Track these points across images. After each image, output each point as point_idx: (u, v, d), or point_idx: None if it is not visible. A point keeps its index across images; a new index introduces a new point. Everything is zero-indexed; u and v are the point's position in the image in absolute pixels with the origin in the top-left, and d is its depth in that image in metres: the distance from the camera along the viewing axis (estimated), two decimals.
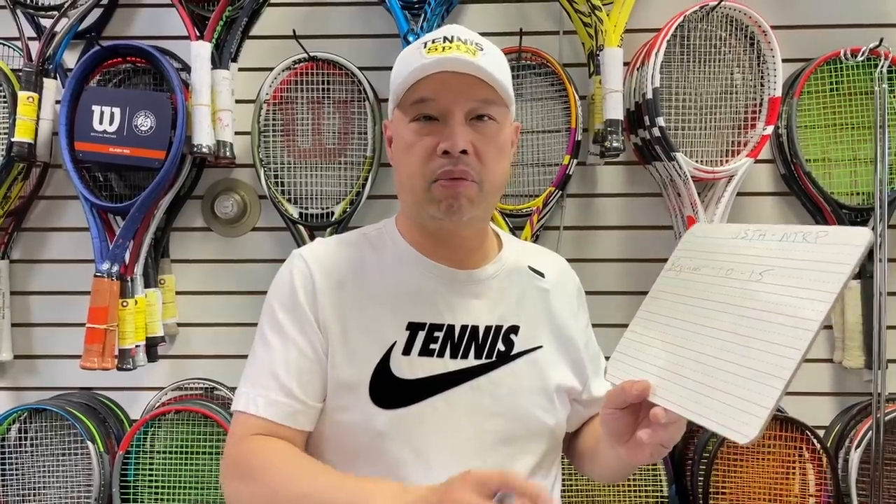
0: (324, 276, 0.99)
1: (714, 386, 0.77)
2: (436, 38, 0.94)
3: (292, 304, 0.98)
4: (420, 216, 1.00)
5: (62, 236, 1.90)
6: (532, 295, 1.05)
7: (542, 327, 1.04)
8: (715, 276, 0.86)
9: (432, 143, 0.92)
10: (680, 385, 0.81)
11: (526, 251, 1.13)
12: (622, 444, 0.87)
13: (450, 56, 0.91)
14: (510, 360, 1.00)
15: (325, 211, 1.80)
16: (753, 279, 0.80)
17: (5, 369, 1.91)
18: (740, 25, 1.69)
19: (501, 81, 0.94)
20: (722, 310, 0.82)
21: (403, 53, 0.99)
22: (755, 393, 0.71)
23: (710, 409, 0.76)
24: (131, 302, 1.69)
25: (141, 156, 1.65)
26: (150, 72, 1.77)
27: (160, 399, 1.85)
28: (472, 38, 0.95)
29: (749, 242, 0.85)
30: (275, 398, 0.93)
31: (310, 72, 1.80)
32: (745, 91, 1.71)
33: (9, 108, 1.72)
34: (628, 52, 1.70)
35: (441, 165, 0.92)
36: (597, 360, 1.13)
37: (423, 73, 0.92)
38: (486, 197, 0.96)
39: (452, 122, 0.92)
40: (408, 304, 0.98)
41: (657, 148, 1.65)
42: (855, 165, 1.75)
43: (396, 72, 0.99)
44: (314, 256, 1.01)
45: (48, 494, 1.76)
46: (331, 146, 1.81)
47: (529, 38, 1.76)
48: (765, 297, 0.77)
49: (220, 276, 1.90)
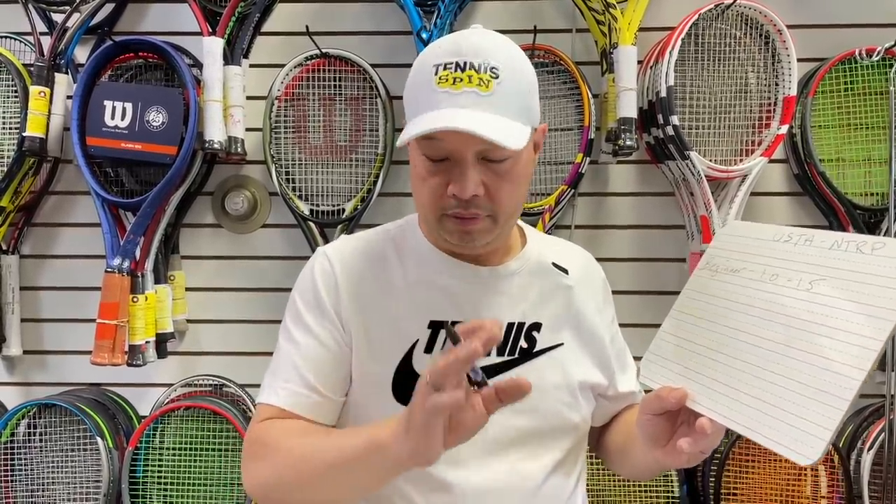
0: (346, 274, 0.99)
1: (767, 400, 0.73)
2: (448, 62, 0.87)
3: (315, 300, 0.99)
4: (435, 237, 1.00)
5: (72, 232, 1.90)
6: (555, 292, 1.04)
7: (564, 325, 1.03)
8: (758, 281, 0.82)
9: (442, 183, 0.90)
10: (723, 394, 0.78)
11: (550, 246, 1.11)
12: (659, 447, 0.86)
13: (460, 93, 0.85)
14: (532, 357, 0.99)
15: (335, 208, 1.79)
16: (803, 287, 0.77)
17: (15, 364, 1.91)
18: (755, 24, 1.68)
19: (516, 115, 0.87)
20: (769, 318, 0.79)
21: (418, 67, 0.92)
22: (816, 413, 0.68)
23: (762, 425, 0.73)
24: (141, 298, 1.69)
25: (152, 151, 1.64)
26: (161, 67, 1.77)
27: (169, 395, 1.85)
28: (488, 61, 0.86)
29: (794, 247, 0.82)
30: (296, 390, 0.95)
31: (321, 68, 1.79)
32: (759, 90, 1.70)
33: (20, 103, 1.72)
34: (641, 50, 1.69)
35: (451, 206, 0.90)
36: (623, 356, 1.12)
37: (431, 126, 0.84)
38: (502, 225, 0.95)
39: (463, 165, 0.88)
40: (430, 302, 0.98)
41: (671, 147, 1.64)
42: (869, 166, 1.74)
43: (409, 87, 0.94)
44: (337, 254, 1.02)
45: (57, 490, 1.76)
46: (342, 143, 1.81)
47: (542, 35, 1.75)
48: (818, 309, 0.74)
49: (229, 272, 1.90)
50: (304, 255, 1.80)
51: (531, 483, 0.97)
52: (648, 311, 1.79)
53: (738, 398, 0.76)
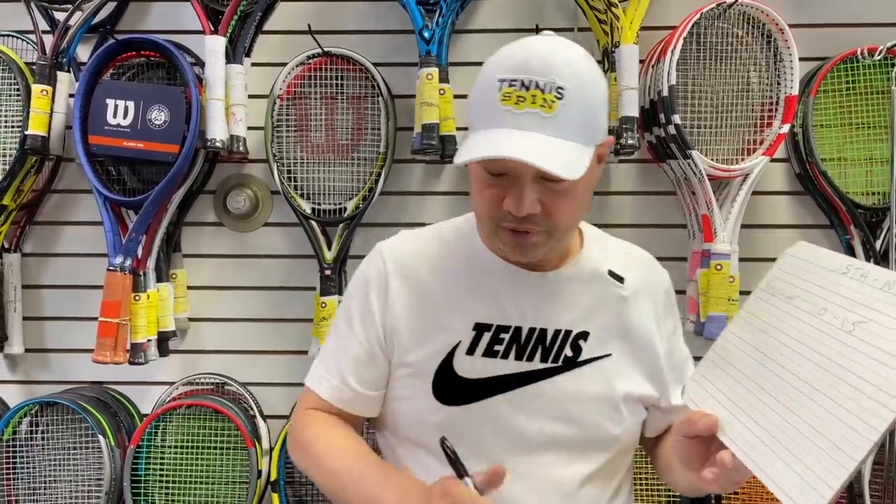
0: (398, 274, 1.02)
1: (784, 444, 0.71)
2: (514, 79, 0.84)
3: (364, 301, 1.03)
4: (489, 242, 1.01)
5: (74, 230, 1.90)
6: (607, 302, 1.02)
7: (614, 335, 1.01)
8: (808, 314, 0.78)
9: (499, 196, 0.89)
10: (750, 430, 0.76)
11: (609, 252, 1.07)
12: (692, 471, 0.85)
13: (522, 113, 0.83)
14: (576, 366, 0.98)
15: (337, 207, 1.79)
16: (845, 328, 0.72)
17: (17, 363, 1.92)
18: (757, 23, 1.67)
19: (578, 136, 0.86)
20: (808, 356, 0.75)
21: (485, 76, 0.89)
22: (824, 468, 0.66)
23: (773, 468, 0.71)
24: (143, 296, 1.69)
25: (154, 150, 1.64)
26: (163, 66, 1.76)
27: (171, 394, 1.85)
28: (554, 80, 0.83)
29: (848, 281, 0.76)
30: (334, 383, 1.03)
31: (323, 67, 1.79)
32: (761, 89, 1.70)
33: (23, 101, 1.72)
34: (643, 49, 1.69)
35: (507, 219, 0.90)
36: (681, 368, 1.08)
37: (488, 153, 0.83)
38: (557, 240, 0.94)
39: (520, 183, 0.87)
40: (476, 304, 0.99)
41: (672, 146, 1.64)
42: (870, 165, 1.74)
43: (475, 93, 0.91)
44: (392, 253, 1.05)
45: (59, 488, 1.76)
46: (344, 142, 1.81)
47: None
48: (852, 354, 0.70)
49: (231, 271, 1.90)
50: (305, 254, 1.82)
51: (564, 490, 0.96)
52: None
53: (760, 436, 0.74)
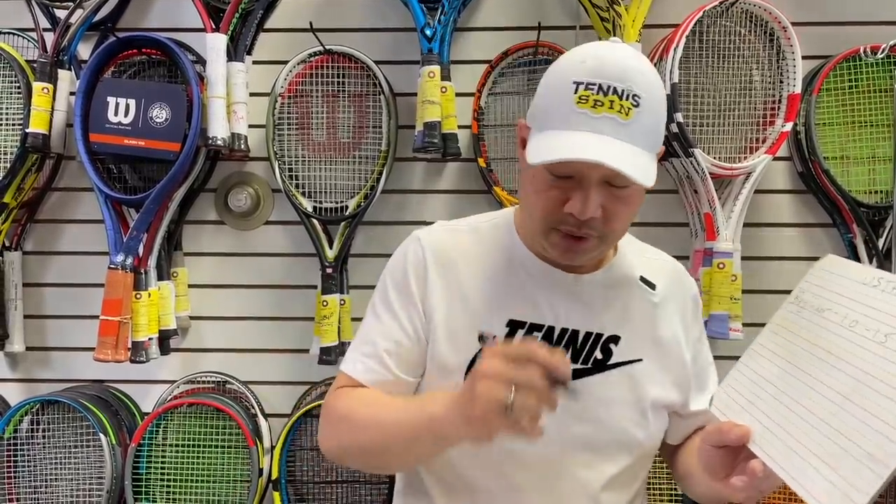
0: (436, 264, 1.01)
1: (816, 453, 0.72)
2: (591, 82, 0.84)
3: (403, 284, 1.02)
4: (536, 241, 0.99)
5: (75, 228, 1.90)
6: (639, 307, 1.03)
7: (645, 341, 1.01)
8: (839, 326, 0.79)
9: (561, 199, 0.88)
10: (782, 440, 0.76)
11: (642, 258, 1.08)
12: (717, 480, 0.85)
13: (599, 117, 0.84)
14: (606, 369, 0.98)
15: (339, 205, 1.79)
16: (878, 340, 0.74)
17: (18, 361, 1.91)
18: (760, 21, 1.67)
19: (648, 144, 0.87)
20: (840, 367, 0.76)
21: (557, 77, 0.89)
22: (859, 477, 0.66)
23: (806, 477, 0.71)
24: (144, 294, 1.69)
25: (156, 148, 1.64)
26: (164, 64, 1.76)
27: (172, 392, 1.85)
28: (631, 88, 0.84)
29: (881, 294, 0.77)
30: (372, 366, 0.99)
31: (325, 65, 1.79)
32: (763, 87, 1.70)
33: (23, 99, 1.72)
34: (645, 47, 1.69)
35: (564, 221, 0.89)
36: (703, 374, 1.09)
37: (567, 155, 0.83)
38: (609, 245, 0.96)
39: (586, 186, 0.86)
40: (511, 301, 0.99)
41: (675, 144, 1.63)
42: (873, 163, 1.73)
43: (545, 94, 0.90)
44: (431, 242, 1.03)
45: (60, 486, 1.76)
46: (345, 140, 1.81)
47: (546, 32, 1.75)
48: (887, 366, 0.71)
49: (232, 269, 1.90)
50: (307, 252, 1.82)
51: (588, 492, 0.97)
52: None
53: (792, 446, 0.75)
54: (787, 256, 1.81)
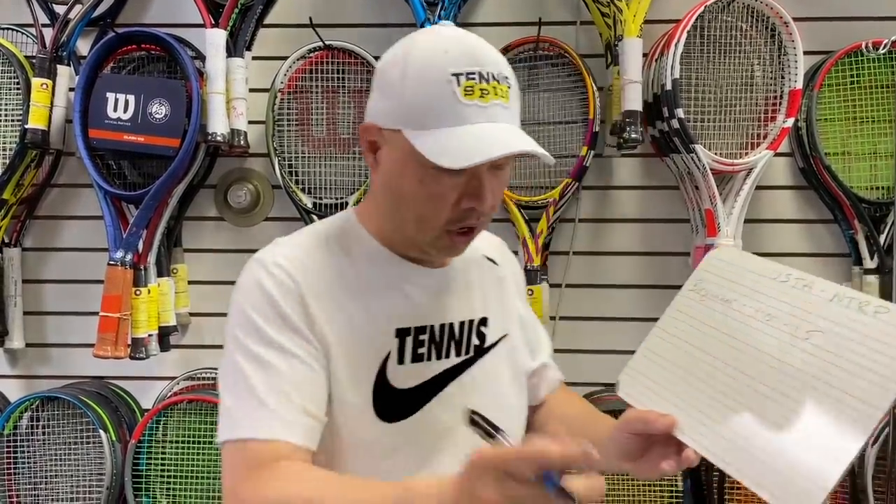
0: (307, 286, 0.88)
1: (761, 447, 0.73)
2: (470, 72, 0.81)
3: (279, 316, 0.85)
4: (408, 244, 0.93)
5: (75, 224, 1.90)
6: (492, 284, 1.04)
7: (504, 315, 1.04)
8: (752, 318, 0.81)
9: (456, 197, 0.85)
10: (711, 430, 0.78)
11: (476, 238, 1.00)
12: (629, 461, 0.86)
13: (488, 105, 0.82)
14: (485, 352, 0.99)
15: (339, 201, 1.78)
16: (800, 336, 0.76)
17: (17, 357, 1.91)
18: (761, 17, 1.66)
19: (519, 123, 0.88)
20: (761, 360, 0.78)
21: (427, 71, 0.83)
22: (814, 469, 0.68)
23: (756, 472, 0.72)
24: (144, 291, 1.69)
25: (155, 144, 1.64)
26: (164, 59, 1.76)
27: (172, 389, 1.85)
28: (501, 70, 0.84)
29: (792, 290, 0.80)
30: (292, 419, 0.82)
31: (325, 61, 1.78)
32: (765, 83, 1.69)
33: (22, 95, 1.71)
34: (646, 42, 1.68)
35: (463, 219, 0.86)
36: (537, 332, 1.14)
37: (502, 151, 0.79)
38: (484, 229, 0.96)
39: (481, 177, 0.84)
40: (391, 309, 0.92)
41: (676, 140, 1.63)
42: (875, 159, 1.73)
43: (419, 93, 0.83)
44: (288, 264, 0.88)
45: (60, 483, 1.76)
46: (345, 136, 1.80)
47: (547, 27, 1.74)
48: (815, 362, 0.73)
49: (232, 265, 1.88)
50: None
51: None
52: (652, 305, 1.78)
53: (728, 437, 0.76)
54: (788, 252, 1.81)
